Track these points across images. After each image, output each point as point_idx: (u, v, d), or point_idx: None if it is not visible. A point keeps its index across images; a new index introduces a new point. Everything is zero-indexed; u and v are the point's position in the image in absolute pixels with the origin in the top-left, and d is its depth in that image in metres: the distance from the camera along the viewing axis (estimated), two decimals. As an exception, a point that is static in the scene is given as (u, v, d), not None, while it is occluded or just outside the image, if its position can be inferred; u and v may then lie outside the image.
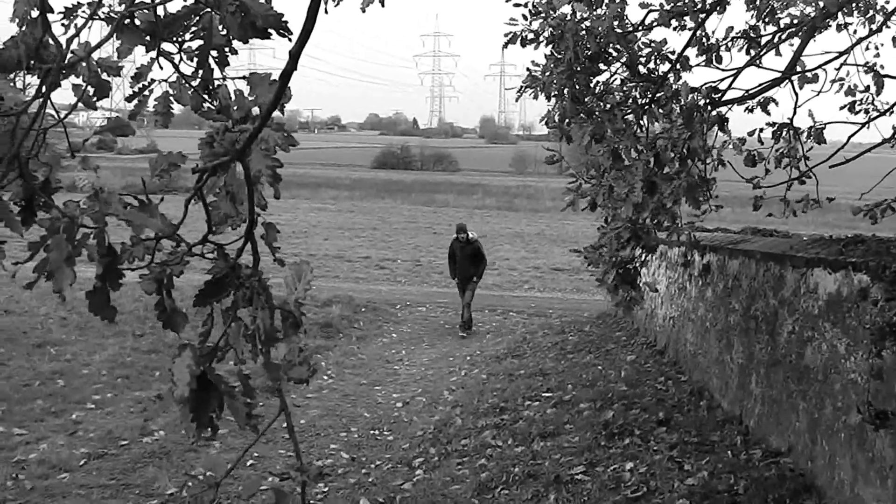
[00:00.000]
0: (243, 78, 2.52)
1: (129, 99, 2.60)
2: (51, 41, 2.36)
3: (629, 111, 8.22)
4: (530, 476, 7.78)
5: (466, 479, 8.09)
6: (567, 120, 8.32)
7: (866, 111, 9.65)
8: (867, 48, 9.38)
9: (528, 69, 8.52)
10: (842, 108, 9.68)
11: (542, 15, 8.18)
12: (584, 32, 7.93)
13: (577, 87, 8.16)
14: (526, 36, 8.31)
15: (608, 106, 8.17)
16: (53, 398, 11.58)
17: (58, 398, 11.58)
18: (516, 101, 9.05)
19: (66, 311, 16.30)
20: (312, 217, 42.35)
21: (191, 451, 9.52)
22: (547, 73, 8.30)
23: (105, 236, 2.32)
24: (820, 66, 8.81)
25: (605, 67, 8.37)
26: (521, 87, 8.60)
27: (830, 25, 8.88)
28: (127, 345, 14.46)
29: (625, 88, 8.53)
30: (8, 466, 8.85)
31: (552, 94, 8.32)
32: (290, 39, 2.43)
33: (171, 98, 2.63)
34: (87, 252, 2.34)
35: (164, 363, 13.49)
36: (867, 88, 9.58)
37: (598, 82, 8.45)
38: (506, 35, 8.40)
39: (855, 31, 9.33)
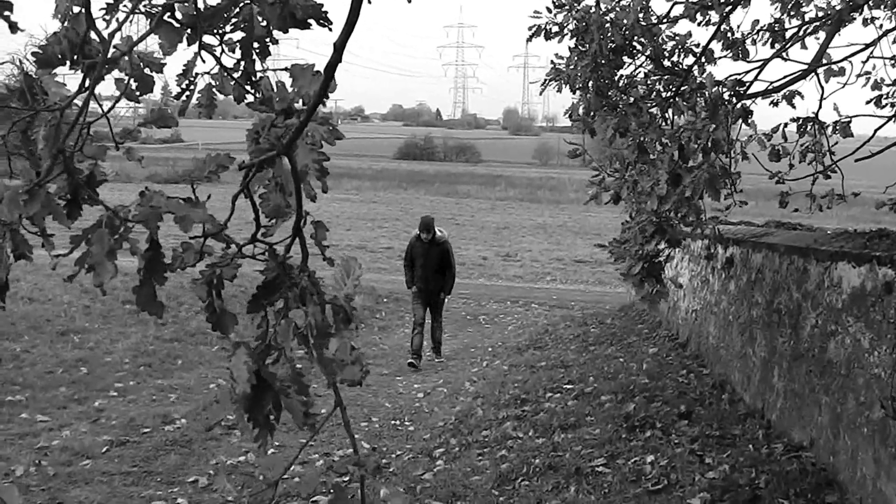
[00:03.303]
0: (284, 69, 2.53)
1: (177, 96, 2.62)
2: (94, 36, 2.38)
3: (653, 104, 8.21)
4: (551, 468, 7.78)
5: (487, 469, 8.10)
6: (591, 113, 8.31)
7: (893, 105, 9.60)
8: (894, 41, 9.33)
9: (552, 62, 8.52)
10: (868, 102, 9.63)
11: (567, 7, 8.18)
12: (608, 25, 7.93)
13: (602, 79, 8.17)
14: (550, 28, 8.31)
15: (632, 99, 8.16)
16: (76, 386, 11.65)
17: (81, 386, 11.66)
18: (540, 94, 9.06)
19: (90, 300, 16.38)
20: (335, 207, 42.39)
21: (212, 439, 9.57)
22: (571, 66, 8.30)
23: (155, 232, 2.33)
24: (846, 59, 8.77)
25: (630, 60, 8.36)
26: (545, 79, 8.61)
27: (856, 19, 8.82)
28: (149, 333, 14.53)
29: (649, 81, 8.52)
30: (31, 453, 8.91)
31: (576, 86, 8.32)
32: (330, 29, 2.43)
33: (214, 89, 2.65)
34: (129, 246, 2.36)
35: (186, 352, 13.63)
36: (894, 82, 9.51)
37: (622, 75, 8.44)
38: (530, 28, 8.40)
39: (881, 25, 9.27)
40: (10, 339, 13.76)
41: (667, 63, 8.29)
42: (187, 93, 2.62)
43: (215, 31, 2.47)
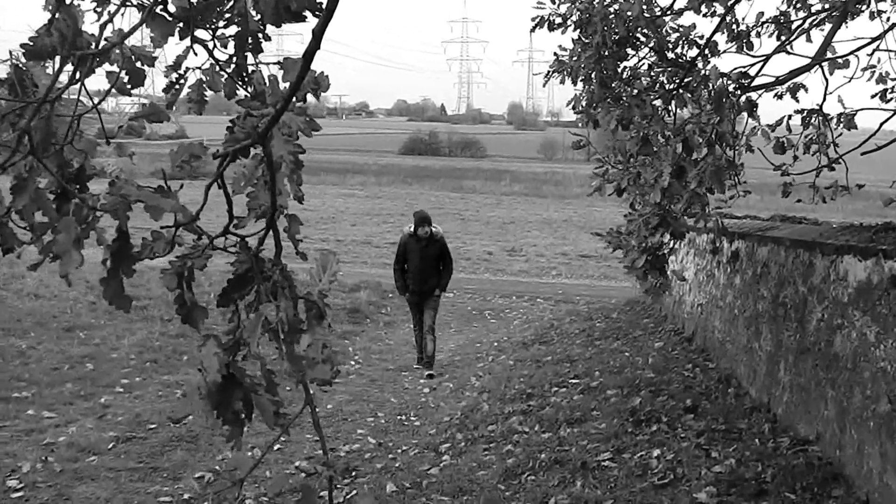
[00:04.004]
0: (277, 63, 2.50)
1: (165, 89, 2.60)
2: (64, 17, 2.35)
3: (657, 96, 8.18)
4: (557, 462, 7.76)
5: (493, 464, 8.08)
6: (594, 105, 8.29)
7: (899, 98, 9.54)
8: (900, 35, 9.26)
9: (555, 54, 8.49)
10: (873, 96, 9.58)
11: (570, -1, 8.16)
12: (612, 16, 7.90)
13: (605, 71, 8.13)
14: (553, 20, 8.29)
15: (636, 91, 8.13)
16: (82, 382, 11.68)
17: (87, 382, 11.69)
18: (544, 85, 9.01)
19: (95, 296, 16.43)
20: (340, 203, 42.50)
21: (218, 435, 9.55)
22: (574, 58, 8.27)
23: (124, 222, 2.30)
24: (851, 52, 8.72)
25: (633, 52, 8.33)
26: (549, 71, 8.58)
27: (863, 11, 8.77)
28: (155, 329, 14.57)
29: (652, 73, 8.49)
30: (38, 449, 8.94)
31: (580, 78, 8.29)
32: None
33: (205, 85, 2.63)
34: (96, 236, 2.34)
35: (192, 348, 13.57)
36: (899, 76, 9.46)
37: (625, 67, 8.41)
38: (533, 19, 8.38)
39: (888, 19, 9.21)
40: (15, 336, 13.83)
41: (670, 55, 8.26)
42: (176, 87, 2.60)
43: (208, 25, 2.45)
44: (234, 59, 2.53)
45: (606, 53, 8.05)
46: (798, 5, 9.01)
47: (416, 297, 14.12)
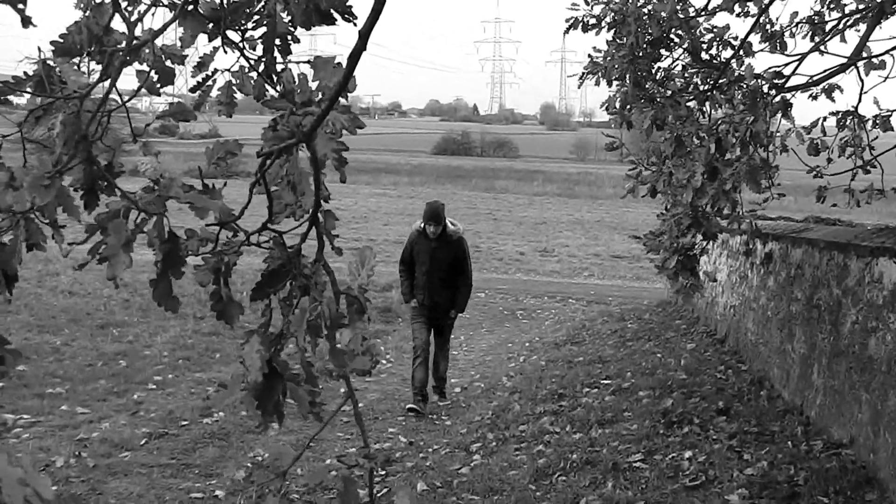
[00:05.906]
0: (307, 62, 2.51)
1: (193, 89, 2.62)
2: (120, 23, 2.38)
3: (691, 97, 8.16)
4: (588, 463, 7.75)
5: (524, 464, 8.08)
6: (628, 106, 8.28)
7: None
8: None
9: (589, 55, 8.49)
10: (907, 97, 9.50)
11: (604, 0, 8.15)
12: (645, 17, 7.89)
13: (639, 72, 8.12)
14: (587, 21, 8.29)
15: (670, 92, 8.12)
16: (116, 378, 11.75)
17: (120, 378, 11.75)
18: (578, 87, 9.02)
19: (129, 294, 16.56)
20: (373, 202, 42.58)
21: (250, 432, 9.60)
22: (608, 59, 8.27)
23: (166, 222, 2.32)
24: (887, 52, 8.66)
25: (667, 53, 8.32)
26: (583, 72, 8.58)
27: (897, 12, 8.71)
28: (188, 327, 14.64)
29: (686, 74, 8.47)
30: (71, 444, 8.99)
31: (613, 79, 8.28)
32: (354, 24, 2.41)
33: (234, 87, 2.65)
34: (147, 237, 2.35)
35: (225, 345, 13.67)
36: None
37: (659, 68, 8.40)
38: (567, 20, 8.38)
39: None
40: (50, 333, 13.93)
41: (704, 56, 8.24)
42: (204, 87, 2.61)
43: (237, 26, 2.47)
44: (263, 59, 2.54)
45: (640, 54, 8.05)
46: (832, 5, 8.96)
47: (424, 310, 11.52)
